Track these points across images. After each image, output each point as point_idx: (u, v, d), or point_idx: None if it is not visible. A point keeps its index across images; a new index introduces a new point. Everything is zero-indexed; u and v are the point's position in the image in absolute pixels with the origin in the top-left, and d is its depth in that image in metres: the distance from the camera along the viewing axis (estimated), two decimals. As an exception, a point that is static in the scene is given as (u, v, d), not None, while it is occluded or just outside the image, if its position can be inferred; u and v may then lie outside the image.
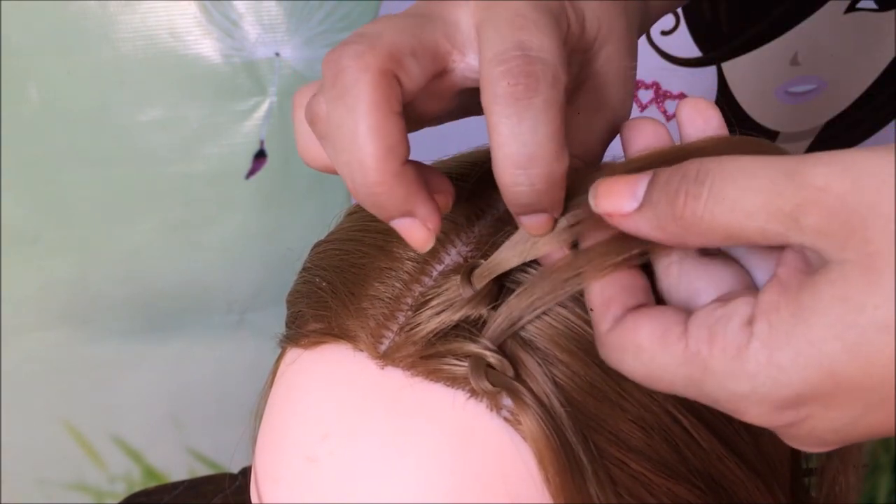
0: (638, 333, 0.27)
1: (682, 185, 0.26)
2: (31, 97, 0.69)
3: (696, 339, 0.26)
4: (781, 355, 0.24)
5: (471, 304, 0.31)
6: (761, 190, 0.24)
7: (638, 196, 0.27)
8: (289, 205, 0.78)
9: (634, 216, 0.27)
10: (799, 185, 0.24)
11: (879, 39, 0.78)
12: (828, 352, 0.23)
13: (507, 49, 0.28)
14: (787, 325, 0.24)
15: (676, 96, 0.79)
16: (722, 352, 0.25)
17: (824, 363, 0.23)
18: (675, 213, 0.26)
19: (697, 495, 0.33)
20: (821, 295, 0.23)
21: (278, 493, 0.34)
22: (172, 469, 0.91)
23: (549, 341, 0.31)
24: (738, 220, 0.25)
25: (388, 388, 0.32)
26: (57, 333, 0.80)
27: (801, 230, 0.24)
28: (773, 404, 0.25)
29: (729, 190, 0.25)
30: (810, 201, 0.24)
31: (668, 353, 0.26)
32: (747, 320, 0.25)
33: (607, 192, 0.28)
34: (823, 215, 0.23)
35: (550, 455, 0.30)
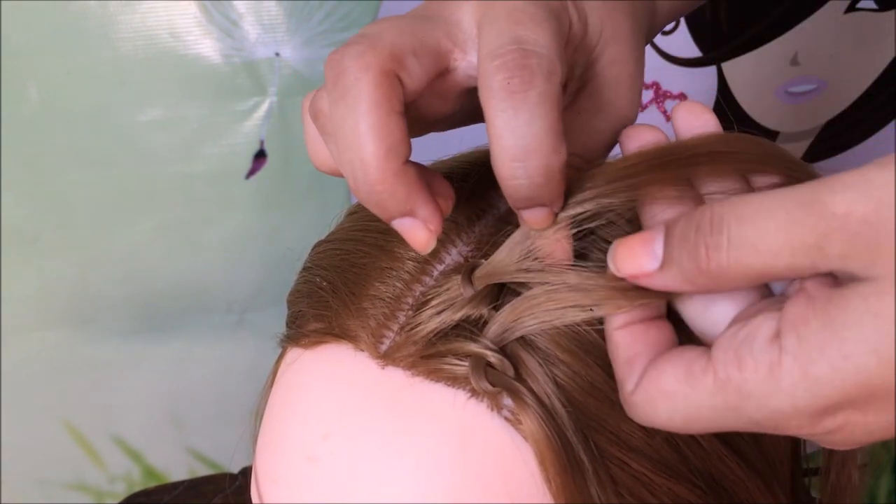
0: (662, 381, 0.27)
1: (699, 238, 0.26)
2: (31, 97, 0.69)
3: (724, 364, 0.26)
4: (816, 369, 0.24)
5: (472, 303, 0.31)
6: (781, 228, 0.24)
7: (657, 254, 0.27)
8: (289, 205, 0.78)
9: (660, 275, 0.27)
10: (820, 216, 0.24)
11: (879, 39, 0.78)
12: (863, 365, 0.23)
13: (503, 44, 0.28)
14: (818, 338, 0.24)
15: (676, 96, 0.79)
16: (754, 373, 0.25)
17: (861, 376, 0.23)
18: (701, 268, 0.26)
19: (698, 495, 0.33)
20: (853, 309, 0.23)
21: (279, 493, 0.34)
22: (172, 469, 0.91)
23: (549, 341, 0.31)
24: (764, 262, 0.25)
25: (389, 387, 0.32)
26: (57, 333, 0.80)
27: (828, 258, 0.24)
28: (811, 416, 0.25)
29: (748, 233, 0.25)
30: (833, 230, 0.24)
31: (698, 388, 0.26)
32: (773, 335, 0.25)
33: (626, 255, 0.28)
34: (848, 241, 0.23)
35: (551, 455, 0.30)
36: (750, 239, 0.25)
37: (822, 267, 0.24)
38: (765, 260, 0.25)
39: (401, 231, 0.30)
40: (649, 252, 0.27)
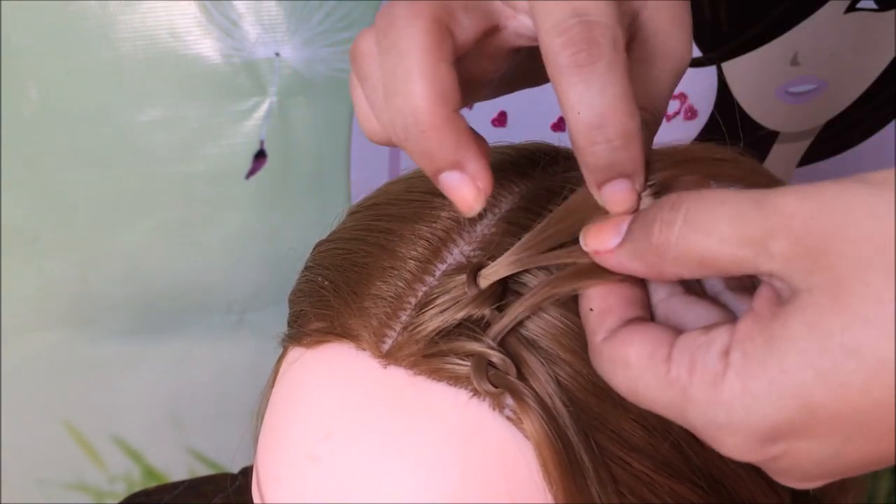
0: (628, 349, 0.28)
1: (657, 215, 0.27)
2: (31, 97, 0.69)
3: (678, 364, 0.26)
4: (755, 384, 0.24)
5: (474, 303, 0.31)
6: (732, 217, 0.25)
7: (621, 232, 0.28)
8: (289, 205, 0.78)
9: (617, 251, 0.28)
10: (768, 213, 0.24)
11: (879, 39, 0.78)
12: (801, 380, 0.23)
13: (564, 18, 0.28)
14: (760, 353, 0.24)
15: (676, 96, 0.79)
16: (700, 380, 0.25)
17: (798, 392, 0.23)
18: (651, 242, 0.26)
19: (699, 494, 0.33)
20: (791, 323, 0.24)
21: (280, 492, 0.35)
22: (172, 469, 0.90)
23: (551, 340, 0.31)
24: (710, 247, 0.25)
25: (391, 387, 0.32)
26: (57, 333, 0.80)
27: (771, 257, 0.24)
28: (749, 435, 0.25)
29: (702, 217, 0.25)
30: (778, 227, 0.24)
31: (654, 373, 0.27)
32: (725, 350, 0.25)
33: (596, 232, 0.29)
34: (790, 241, 0.24)
35: (552, 456, 0.30)
36: (702, 222, 0.25)
37: (764, 265, 0.24)
38: (711, 245, 0.25)
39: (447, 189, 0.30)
40: (616, 230, 0.28)
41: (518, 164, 0.37)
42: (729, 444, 0.25)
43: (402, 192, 0.38)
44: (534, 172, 0.37)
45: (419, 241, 0.34)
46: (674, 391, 0.26)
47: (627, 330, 0.28)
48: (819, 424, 0.24)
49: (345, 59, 0.71)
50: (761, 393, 0.24)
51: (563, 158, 0.38)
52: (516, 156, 0.38)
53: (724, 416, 0.25)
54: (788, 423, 0.24)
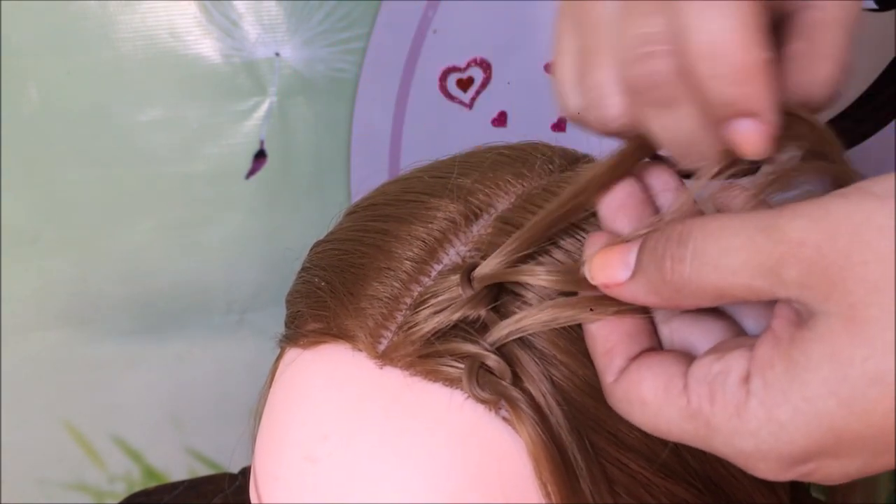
0: (641, 387, 0.28)
1: (667, 250, 0.26)
2: (31, 97, 0.69)
3: (698, 395, 0.26)
4: (780, 412, 0.24)
5: (470, 304, 0.31)
6: (741, 248, 0.25)
7: (629, 264, 0.28)
8: (289, 205, 0.78)
9: (629, 285, 0.28)
10: (777, 241, 0.24)
11: (879, 39, 0.78)
12: (824, 408, 0.23)
13: None
14: (782, 382, 0.24)
15: (676, 96, 0.79)
16: (723, 409, 0.25)
17: (823, 420, 0.23)
18: (665, 279, 0.26)
19: (696, 495, 0.33)
20: (811, 351, 0.24)
21: (277, 493, 0.35)
22: (172, 469, 0.90)
23: (547, 341, 0.31)
24: (723, 280, 0.25)
25: (387, 387, 0.32)
26: (57, 333, 0.80)
27: (785, 285, 0.24)
28: (778, 460, 0.25)
29: (711, 250, 0.25)
30: (789, 255, 0.24)
31: (673, 407, 0.27)
32: (744, 377, 0.25)
33: (600, 264, 0.29)
34: (803, 268, 0.24)
35: (546, 457, 0.30)
36: (711, 255, 0.25)
37: (780, 293, 0.24)
38: (724, 277, 0.25)
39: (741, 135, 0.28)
40: (623, 262, 0.28)
41: (515, 165, 0.37)
42: (761, 468, 0.25)
43: (398, 192, 0.38)
44: (530, 173, 0.37)
45: (415, 241, 0.34)
46: (697, 423, 0.26)
47: (636, 367, 0.28)
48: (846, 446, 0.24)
49: (344, 59, 0.71)
50: (787, 421, 0.24)
51: (559, 158, 0.38)
52: (513, 156, 0.38)
53: (752, 444, 0.25)
54: (816, 447, 0.24)
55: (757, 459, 0.25)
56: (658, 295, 0.27)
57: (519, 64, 0.75)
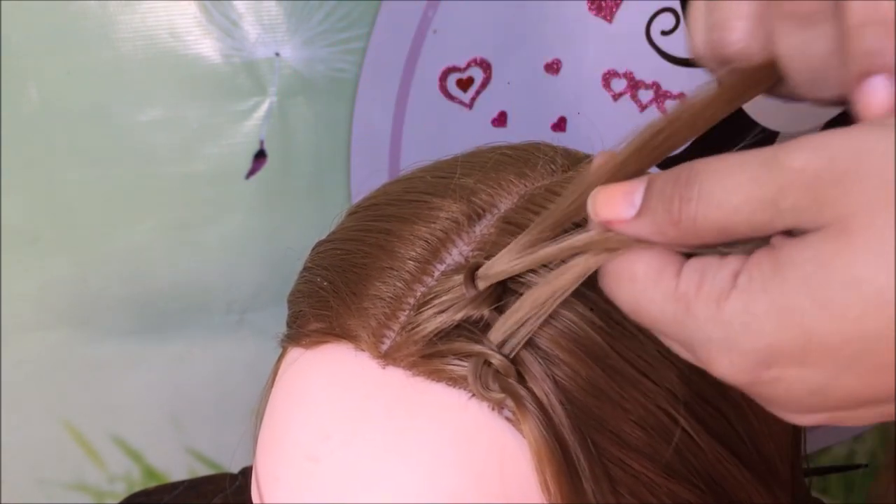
0: (636, 264, 0.28)
1: (675, 190, 0.27)
2: (31, 97, 0.69)
3: (687, 280, 0.26)
4: (756, 305, 0.24)
5: (473, 304, 0.31)
6: (743, 183, 0.25)
7: (635, 203, 0.28)
8: (289, 205, 0.78)
9: (635, 222, 0.28)
10: (777, 172, 0.25)
11: (879, 39, 0.78)
12: (798, 305, 0.24)
13: None
14: (764, 277, 0.25)
15: (676, 96, 0.79)
16: (706, 296, 0.26)
17: (795, 316, 0.24)
18: (672, 219, 0.27)
19: (697, 495, 0.33)
20: (797, 253, 0.24)
21: (279, 493, 0.35)
22: (172, 469, 0.90)
23: (551, 342, 0.31)
24: (726, 217, 0.25)
25: (390, 387, 0.32)
26: (57, 333, 0.80)
27: (782, 213, 0.24)
28: (743, 355, 0.25)
29: (715, 189, 0.26)
30: (788, 184, 0.24)
31: (660, 288, 0.27)
32: (735, 272, 0.26)
33: (606, 201, 0.29)
34: (800, 194, 0.24)
35: (549, 457, 0.30)
36: (716, 194, 0.26)
37: (778, 224, 0.25)
38: (727, 215, 0.25)
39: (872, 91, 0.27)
40: (629, 200, 0.28)
41: (517, 165, 0.37)
42: (723, 363, 0.26)
43: (400, 192, 0.38)
44: (533, 173, 0.37)
45: (418, 241, 0.34)
46: (678, 306, 0.26)
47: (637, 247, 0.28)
48: (812, 352, 0.24)
49: (344, 59, 0.71)
50: (760, 314, 0.24)
51: (561, 158, 0.38)
52: (515, 156, 0.38)
53: (721, 333, 0.25)
54: (783, 347, 0.24)
55: (722, 351, 0.25)
56: (664, 235, 0.27)
57: (519, 64, 0.75)
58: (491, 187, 0.36)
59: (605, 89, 0.77)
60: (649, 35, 0.76)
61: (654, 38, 0.76)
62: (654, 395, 0.32)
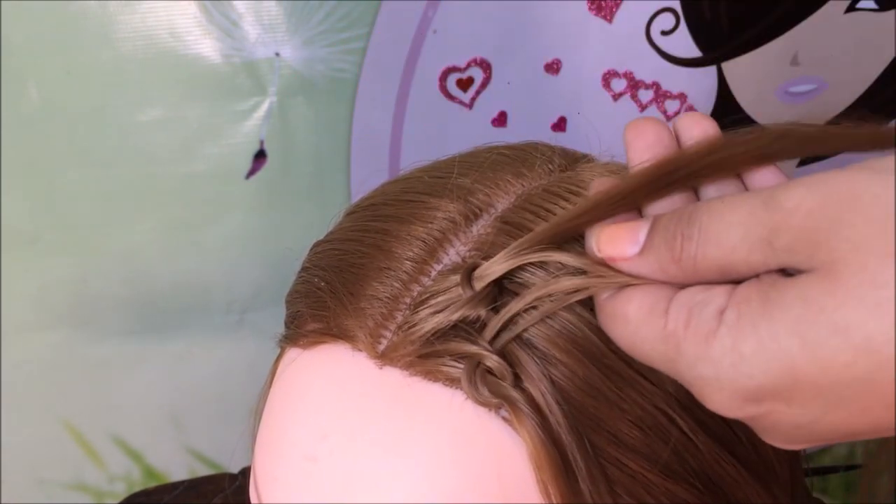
0: (628, 305, 0.28)
1: (677, 228, 0.27)
2: (31, 97, 0.69)
3: (675, 318, 0.27)
4: (745, 345, 0.25)
5: (470, 304, 0.31)
6: (741, 222, 0.26)
7: (639, 241, 0.28)
8: (289, 205, 0.78)
9: (636, 260, 0.28)
10: (773, 211, 0.25)
11: (879, 39, 0.78)
12: (787, 347, 0.24)
13: None
14: (753, 316, 0.25)
15: (676, 96, 0.79)
16: (694, 335, 0.26)
17: (784, 358, 0.24)
18: (674, 257, 0.27)
19: (695, 495, 0.33)
20: (787, 293, 0.24)
21: (277, 492, 0.35)
22: (172, 469, 0.90)
23: (547, 342, 0.31)
24: (724, 256, 0.26)
25: (387, 387, 0.32)
26: (57, 333, 0.80)
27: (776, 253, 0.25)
28: (734, 393, 0.25)
29: (714, 227, 0.26)
30: (782, 223, 0.25)
31: (650, 327, 0.27)
32: (722, 308, 0.26)
33: (610, 238, 0.29)
34: (793, 234, 0.24)
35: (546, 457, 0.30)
36: (714, 232, 0.26)
37: (772, 263, 0.25)
38: (725, 253, 0.26)
39: None
40: (633, 238, 0.29)
41: (515, 165, 0.37)
42: (715, 399, 0.26)
43: (398, 192, 0.38)
44: (530, 173, 0.37)
45: (415, 241, 0.34)
46: (668, 345, 0.27)
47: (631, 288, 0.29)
48: (801, 392, 0.24)
49: (344, 59, 0.71)
50: (749, 354, 0.25)
51: (559, 158, 0.38)
52: (513, 156, 0.38)
53: (712, 372, 0.25)
54: (772, 387, 0.25)
55: (714, 389, 0.26)
56: (665, 273, 0.28)
57: (519, 64, 0.75)
58: (488, 187, 0.35)
59: (605, 89, 0.77)
60: (649, 35, 0.76)
61: (654, 38, 0.76)
62: (651, 395, 0.32)
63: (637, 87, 0.78)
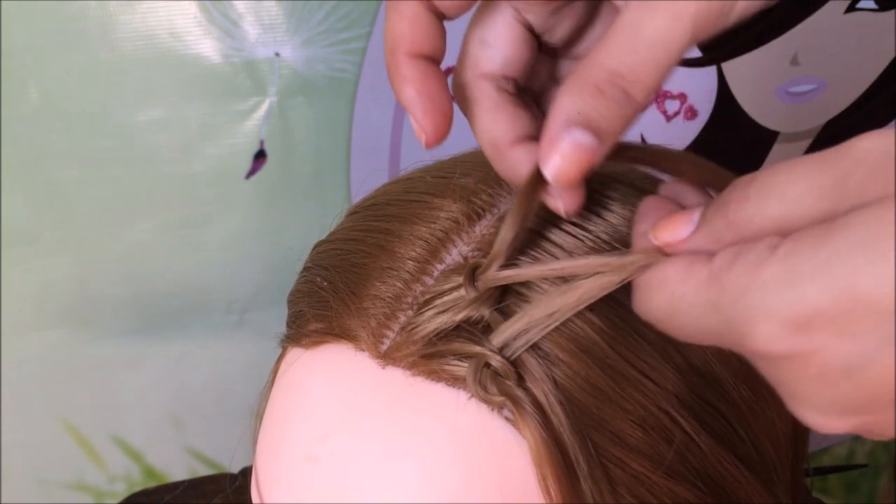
0: (665, 269, 0.27)
1: (732, 194, 0.26)
2: (31, 97, 0.69)
3: (722, 260, 0.25)
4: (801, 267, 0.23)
5: (474, 305, 0.31)
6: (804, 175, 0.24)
7: (694, 220, 0.27)
8: (289, 205, 0.78)
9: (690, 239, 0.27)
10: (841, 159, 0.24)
11: (879, 39, 0.78)
12: (849, 265, 0.22)
13: None
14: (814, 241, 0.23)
15: (676, 96, 0.79)
16: (742, 267, 0.24)
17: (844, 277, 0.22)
18: (728, 221, 0.26)
19: (697, 495, 0.33)
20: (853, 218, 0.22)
21: (279, 493, 0.34)
22: (172, 469, 0.91)
23: (551, 342, 0.31)
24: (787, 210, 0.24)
25: (390, 387, 0.32)
26: (57, 333, 0.80)
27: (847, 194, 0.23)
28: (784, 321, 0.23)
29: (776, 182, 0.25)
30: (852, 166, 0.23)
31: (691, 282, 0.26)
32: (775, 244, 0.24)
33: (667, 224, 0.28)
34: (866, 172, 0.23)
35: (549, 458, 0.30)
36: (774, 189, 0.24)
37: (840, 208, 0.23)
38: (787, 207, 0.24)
39: None
40: (689, 219, 0.27)
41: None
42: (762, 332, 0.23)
43: (400, 192, 0.38)
44: None
45: (417, 241, 0.34)
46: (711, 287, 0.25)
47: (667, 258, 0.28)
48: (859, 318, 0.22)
49: (344, 59, 0.71)
50: (805, 273, 0.22)
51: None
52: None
53: (759, 299, 0.23)
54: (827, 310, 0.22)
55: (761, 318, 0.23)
56: (719, 241, 0.26)
57: (519, 64, 0.75)
58: (491, 187, 0.35)
59: (605, 89, 0.77)
60: (649, 35, 0.76)
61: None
62: (654, 395, 0.32)
63: (637, 87, 0.78)
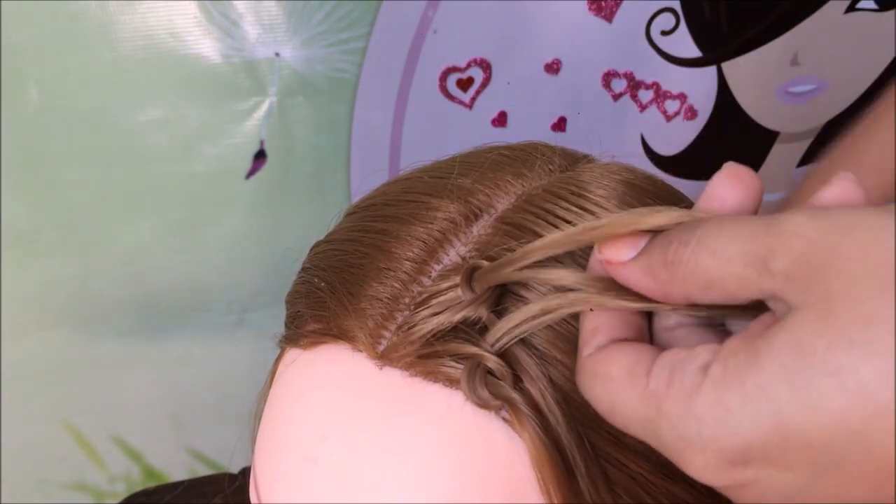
0: (611, 364, 0.27)
1: (675, 235, 0.27)
2: (31, 97, 0.69)
3: (657, 378, 0.26)
4: (730, 398, 0.23)
5: (471, 306, 0.31)
6: (741, 238, 0.25)
7: (638, 246, 0.28)
8: (289, 205, 0.78)
9: (629, 264, 0.28)
10: (775, 232, 0.24)
11: (879, 39, 0.78)
12: (776, 398, 0.22)
13: None
14: (740, 369, 0.23)
15: (676, 96, 0.79)
16: (677, 392, 0.24)
17: (773, 411, 0.22)
18: (666, 259, 0.26)
19: (694, 496, 0.33)
20: (775, 339, 0.23)
21: (277, 493, 0.34)
22: (172, 469, 0.91)
23: (547, 342, 0.31)
24: (717, 266, 0.25)
25: (387, 388, 0.32)
26: (57, 333, 0.80)
27: (771, 275, 0.24)
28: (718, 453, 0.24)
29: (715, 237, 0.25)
30: (781, 245, 0.24)
31: (632, 388, 0.26)
32: (706, 364, 0.24)
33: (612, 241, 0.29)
34: (790, 258, 0.23)
35: (546, 458, 0.30)
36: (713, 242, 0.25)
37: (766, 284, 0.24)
38: (719, 265, 0.25)
39: None
40: (633, 244, 0.28)
41: (515, 165, 0.37)
42: (697, 462, 0.24)
43: (398, 192, 0.38)
44: (531, 173, 0.37)
45: (415, 241, 0.34)
46: (649, 406, 0.25)
47: (614, 346, 0.28)
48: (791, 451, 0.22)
49: (344, 59, 0.71)
50: (735, 407, 0.23)
51: (559, 158, 0.38)
52: (513, 156, 0.38)
53: (694, 430, 0.24)
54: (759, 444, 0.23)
55: (696, 449, 0.24)
56: (653, 276, 0.27)
57: (519, 64, 0.75)
58: (488, 188, 0.35)
59: (605, 89, 0.77)
60: (649, 35, 0.76)
61: (654, 38, 0.76)
62: None
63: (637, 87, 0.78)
